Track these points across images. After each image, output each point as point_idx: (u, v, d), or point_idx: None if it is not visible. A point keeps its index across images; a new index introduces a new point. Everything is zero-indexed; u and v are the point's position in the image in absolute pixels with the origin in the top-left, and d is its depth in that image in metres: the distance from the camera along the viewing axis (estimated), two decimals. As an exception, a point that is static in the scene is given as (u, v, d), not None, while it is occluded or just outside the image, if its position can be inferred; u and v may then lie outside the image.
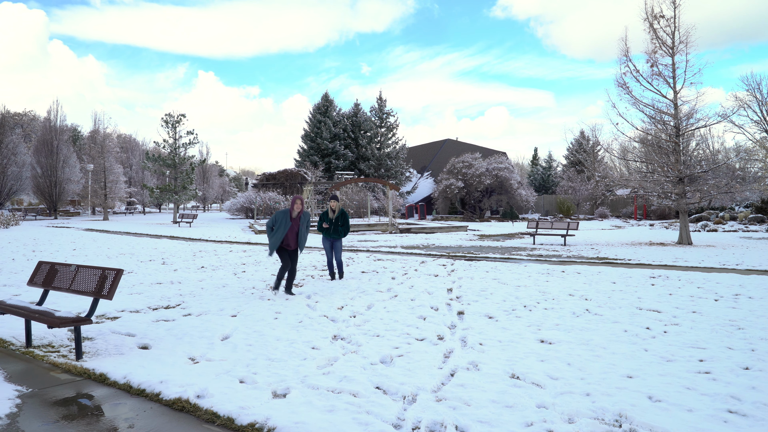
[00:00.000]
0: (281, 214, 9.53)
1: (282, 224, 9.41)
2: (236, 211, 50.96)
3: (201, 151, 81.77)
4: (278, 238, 9.39)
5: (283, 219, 9.46)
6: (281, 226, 9.40)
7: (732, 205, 41.31)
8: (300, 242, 9.66)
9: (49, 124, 53.77)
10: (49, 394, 4.75)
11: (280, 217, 9.49)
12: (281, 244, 9.55)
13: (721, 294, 9.39)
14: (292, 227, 9.55)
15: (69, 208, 61.05)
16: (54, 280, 6.74)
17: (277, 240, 9.39)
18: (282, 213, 9.54)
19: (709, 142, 34.79)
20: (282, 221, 9.44)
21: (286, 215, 9.51)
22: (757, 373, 5.12)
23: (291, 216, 9.56)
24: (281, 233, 9.37)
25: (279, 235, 9.38)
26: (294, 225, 9.57)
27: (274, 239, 9.41)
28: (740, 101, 33.11)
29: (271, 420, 4.03)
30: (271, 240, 9.44)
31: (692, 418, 4.03)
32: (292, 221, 9.55)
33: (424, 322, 7.45)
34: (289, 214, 9.56)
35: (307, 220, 9.75)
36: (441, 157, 59.24)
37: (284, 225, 9.41)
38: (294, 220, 9.59)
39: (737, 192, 20.79)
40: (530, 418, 4.06)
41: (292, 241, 9.62)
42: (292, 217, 9.57)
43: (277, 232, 9.39)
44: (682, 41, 20.67)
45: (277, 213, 9.58)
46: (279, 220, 9.47)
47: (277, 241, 9.39)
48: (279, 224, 9.43)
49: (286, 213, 9.54)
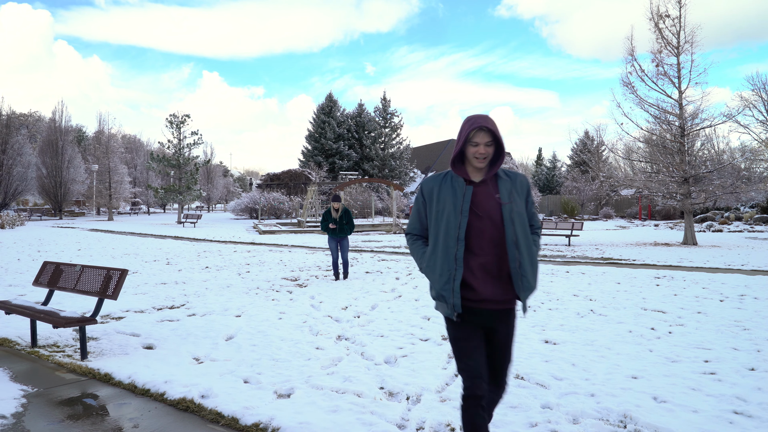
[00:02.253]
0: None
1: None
2: (240, 212, 51.01)
3: (205, 152, 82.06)
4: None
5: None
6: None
7: (737, 205, 41.16)
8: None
9: (54, 125, 53.91)
10: (54, 394, 4.76)
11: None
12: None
13: (726, 294, 9.35)
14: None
15: (74, 208, 61.24)
16: (59, 281, 6.76)
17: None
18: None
19: (714, 142, 34.73)
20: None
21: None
22: (762, 374, 5.10)
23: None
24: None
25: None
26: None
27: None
28: (746, 101, 33.05)
29: (276, 420, 4.03)
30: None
31: (698, 419, 4.01)
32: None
33: (428, 322, 7.44)
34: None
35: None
36: (445, 157, 59.22)
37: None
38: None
39: (742, 192, 20.72)
40: (535, 419, 4.06)
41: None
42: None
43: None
44: (687, 41, 20.60)
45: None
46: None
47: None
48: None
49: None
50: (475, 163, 2.97)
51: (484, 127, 2.92)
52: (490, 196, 2.99)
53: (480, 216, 2.96)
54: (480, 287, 2.95)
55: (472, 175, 3.04)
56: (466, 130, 2.94)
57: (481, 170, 3.03)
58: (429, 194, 3.14)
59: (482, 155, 2.93)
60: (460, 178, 3.03)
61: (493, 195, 2.99)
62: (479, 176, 3.04)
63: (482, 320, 3.03)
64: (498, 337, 3.13)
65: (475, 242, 2.96)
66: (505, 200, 2.97)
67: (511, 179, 3.07)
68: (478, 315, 3.02)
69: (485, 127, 2.92)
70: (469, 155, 2.98)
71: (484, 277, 2.96)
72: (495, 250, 2.96)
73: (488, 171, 3.04)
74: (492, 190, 3.01)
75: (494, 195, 2.99)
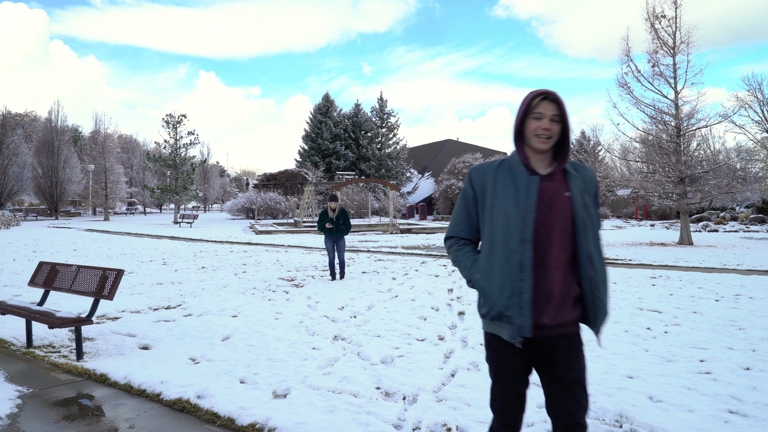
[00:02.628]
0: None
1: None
2: (237, 212, 50.97)
3: (202, 152, 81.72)
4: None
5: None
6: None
7: (733, 205, 41.30)
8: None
9: (50, 125, 53.76)
10: (49, 395, 4.75)
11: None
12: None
13: (722, 294, 9.37)
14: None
15: (70, 208, 61.05)
16: (55, 281, 6.74)
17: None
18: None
19: (710, 143, 34.86)
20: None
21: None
22: (758, 373, 5.11)
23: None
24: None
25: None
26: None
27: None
28: (741, 101, 33.08)
29: (272, 420, 4.02)
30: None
31: (693, 418, 4.02)
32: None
33: (424, 322, 7.45)
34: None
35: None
36: (442, 157, 59.24)
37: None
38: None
39: (738, 192, 20.78)
40: (531, 419, 4.06)
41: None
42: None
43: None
44: (683, 41, 20.67)
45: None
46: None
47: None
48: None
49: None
50: (537, 143, 2.35)
51: (550, 96, 2.35)
52: (560, 195, 2.37)
53: (546, 218, 2.34)
54: (546, 307, 2.36)
55: (535, 163, 2.43)
56: (527, 100, 2.39)
57: (544, 157, 2.43)
58: (481, 184, 2.50)
59: (546, 132, 2.33)
60: (522, 165, 2.42)
61: (563, 193, 2.38)
62: (544, 166, 2.43)
63: (535, 351, 2.43)
64: (563, 372, 2.42)
65: (542, 251, 2.34)
66: (577, 201, 2.37)
67: (580, 174, 2.46)
68: (530, 344, 2.41)
69: (551, 95, 2.35)
70: (529, 132, 2.38)
71: (545, 297, 2.35)
72: (562, 264, 2.35)
73: (554, 161, 2.45)
74: (562, 187, 2.39)
75: (564, 193, 2.38)
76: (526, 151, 2.43)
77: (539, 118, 2.35)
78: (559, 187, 2.38)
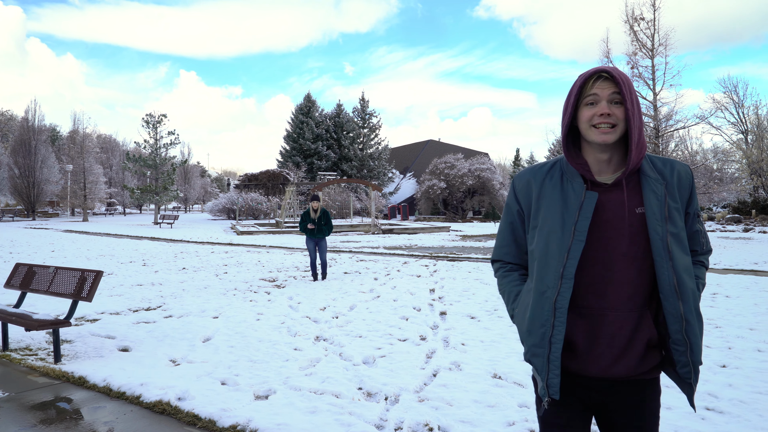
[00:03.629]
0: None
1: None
2: (218, 212, 50.65)
3: (182, 152, 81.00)
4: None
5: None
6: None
7: (710, 205, 41.93)
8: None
9: (26, 124, 52.93)
10: (26, 398, 4.68)
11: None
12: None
13: (699, 293, 9.49)
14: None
15: (47, 209, 60.18)
16: (32, 282, 6.64)
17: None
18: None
19: (688, 144, 35.32)
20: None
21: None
22: (733, 370, 5.20)
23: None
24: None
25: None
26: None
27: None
28: (718, 103, 33.67)
29: (253, 422, 4.00)
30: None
31: (671, 415, 4.08)
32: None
33: (406, 322, 7.46)
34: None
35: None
36: (423, 157, 59.38)
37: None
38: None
39: (715, 192, 21.15)
40: (512, 418, 4.09)
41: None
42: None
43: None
44: (661, 44, 20.98)
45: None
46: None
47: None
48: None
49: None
50: (596, 136, 1.77)
51: (605, 73, 1.78)
52: (630, 211, 1.80)
53: (607, 245, 1.80)
54: (596, 359, 1.83)
55: (597, 170, 1.86)
56: (578, 84, 1.83)
57: (611, 157, 1.83)
58: (525, 195, 1.98)
59: (606, 120, 1.75)
60: (578, 174, 1.86)
61: (634, 209, 1.80)
62: (611, 171, 1.85)
63: (593, 396, 1.90)
64: (626, 424, 1.89)
65: (595, 286, 1.81)
66: (654, 215, 1.78)
67: (662, 173, 1.86)
68: (586, 389, 1.89)
69: (607, 72, 1.78)
70: (583, 125, 1.82)
71: (607, 343, 1.81)
72: (632, 305, 1.80)
73: (622, 161, 1.85)
74: (634, 200, 1.81)
75: (635, 209, 1.80)
76: (585, 153, 1.88)
77: (594, 102, 1.79)
78: (629, 200, 1.81)
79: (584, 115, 1.80)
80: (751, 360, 5.54)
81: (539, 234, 1.89)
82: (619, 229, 1.79)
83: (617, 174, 1.84)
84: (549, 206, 1.87)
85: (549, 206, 1.87)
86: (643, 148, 1.79)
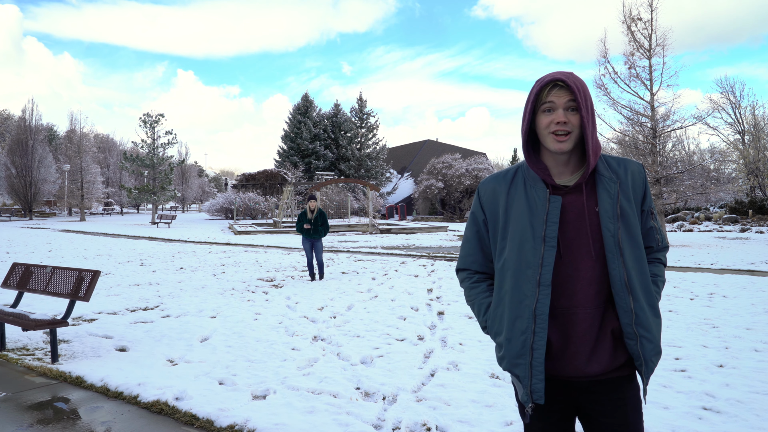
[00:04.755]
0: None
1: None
2: (215, 212, 50.59)
3: (180, 152, 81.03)
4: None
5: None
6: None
7: (707, 205, 41.97)
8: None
9: (24, 124, 52.82)
10: (23, 398, 4.67)
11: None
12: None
13: (696, 293, 9.53)
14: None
15: (45, 208, 60.06)
16: (29, 282, 6.63)
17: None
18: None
19: (685, 144, 35.43)
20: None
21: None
22: (731, 370, 5.21)
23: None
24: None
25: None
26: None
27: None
28: (715, 103, 33.73)
29: (251, 422, 4.00)
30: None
31: (668, 415, 4.08)
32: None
33: (404, 322, 7.46)
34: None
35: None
36: (421, 157, 59.38)
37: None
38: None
39: (712, 193, 21.15)
40: (510, 417, 4.09)
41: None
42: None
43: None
44: (659, 44, 20.95)
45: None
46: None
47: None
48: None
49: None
50: (552, 143, 1.85)
51: (561, 82, 1.84)
52: (589, 210, 1.88)
53: (571, 245, 1.88)
54: (571, 358, 1.88)
55: (556, 173, 1.93)
56: (533, 91, 1.89)
57: (568, 162, 1.91)
58: (491, 204, 2.03)
59: (562, 128, 1.82)
60: (539, 179, 1.93)
61: (593, 208, 1.88)
62: (567, 175, 1.93)
63: (574, 398, 1.96)
64: (608, 423, 1.91)
65: (564, 287, 1.88)
66: (606, 212, 1.86)
67: (618, 172, 1.94)
68: (566, 390, 1.95)
69: (562, 80, 1.83)
70: (542, 131, 1.88)
71: (579, 341, 1.87)
72: (599, 301, 1.87)
73: (579, 162, 1.93)
74: (590, 199, 1.90)
75: (594, 208, 1.88)
76: (544, 157, 1.95)
77: (550, 110, 1.85)
78: (588, 200, 1.89)
79: (542, 122, 1.88)
80: (749, 360, 5.55)
81: (510, 244, 1.94)
82: (581, 229, 1.88)
83: (576, 175, 1.93)
84: (517, 216, 1.93)
85: (517, 216, 1.93)
86: (598, 150, 1.88)
